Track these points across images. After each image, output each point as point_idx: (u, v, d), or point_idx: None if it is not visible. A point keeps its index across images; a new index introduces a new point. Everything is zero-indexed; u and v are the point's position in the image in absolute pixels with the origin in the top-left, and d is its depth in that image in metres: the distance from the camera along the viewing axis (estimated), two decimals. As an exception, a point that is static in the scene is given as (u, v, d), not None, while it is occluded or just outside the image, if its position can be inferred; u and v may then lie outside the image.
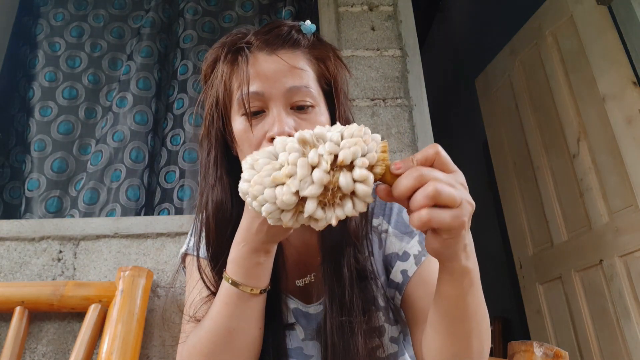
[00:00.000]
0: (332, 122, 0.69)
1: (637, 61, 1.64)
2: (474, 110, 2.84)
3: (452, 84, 3.61)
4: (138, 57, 1.76)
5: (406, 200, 0.43)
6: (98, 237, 1.31)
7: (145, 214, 1.58)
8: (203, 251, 0.72)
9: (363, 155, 0.43)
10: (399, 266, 0.69)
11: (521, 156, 2.25)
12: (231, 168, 0.70)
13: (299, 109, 0.65)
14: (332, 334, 0.64)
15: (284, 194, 0.43)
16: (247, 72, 0.65)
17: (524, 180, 2.23)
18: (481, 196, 3.18)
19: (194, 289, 0.72)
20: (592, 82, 1.79)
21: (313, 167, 0.43)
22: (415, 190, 0.41)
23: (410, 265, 0.68)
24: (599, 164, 1.77)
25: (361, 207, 0.43)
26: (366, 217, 0.71)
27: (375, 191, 0.46)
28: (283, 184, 0.44)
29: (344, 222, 0.67)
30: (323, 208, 0.43)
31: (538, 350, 0.83)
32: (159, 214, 1.61)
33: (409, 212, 0.42)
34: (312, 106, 0.66)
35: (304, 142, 0.45)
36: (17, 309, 1.13)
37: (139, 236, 1.32)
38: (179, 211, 1.60)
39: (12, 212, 1.61)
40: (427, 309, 0.63)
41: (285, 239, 0.73)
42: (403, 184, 0.42)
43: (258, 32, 0.70)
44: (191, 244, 0.78)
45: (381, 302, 0.69)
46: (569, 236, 1.94)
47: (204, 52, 1.84)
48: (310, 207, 0.43)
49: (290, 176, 0.43)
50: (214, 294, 0.68)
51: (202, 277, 0.69)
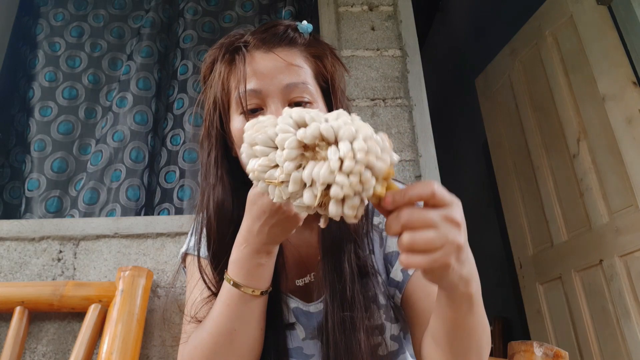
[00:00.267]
0: None
1: (637, 61, 1.64)
2: (474, 110, 2.84)
3: (452, 84, 3.61)
4: (138, 57, 1.76)
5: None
6: (98, 237, 1.31)
7: (145, 214, 1.58)
8: (204, 251, 0.72)
9: (358, 192, 0.41)
10: (399, 265, 0.69)
11: (521, 156, 2.25)
12: (231, 169, 0.70)
13: (296, 105, 0.65)
14: (333, 331, 0.64)
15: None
16: (245, 70, 0.65)
17: (524, 180, 2.23)
18: (481, 196, 3.18)
19: (195, 289, 0.72)
20: (592, 82, 1.79)
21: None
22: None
23: None
24: (599, 164, 1.76)
25: (350, 220, 0.43)
26: (367, 215, 0.71)
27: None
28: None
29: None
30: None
31: (538, 350, 0.83)
32: (159, 214, 1.60)
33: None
34: (309, 103, 0.66)
35: (304, 147, 0.44)
36: (17, 309, 1.13)
37: (139, 236, 1.32)
38: (179, 211, 1.60)
39: (12, 212, 1.61)
40: (428, 310, 0.63)
41: (286, 239, 0.73)
42: (390, 227, 0.43)
43: (255, 32, 0.70)
44: (191, 243, 0.78)
45: (382, 300, 0.69)
46: (569, 236, 1.93)
47: (204, 52, 1.84)
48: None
49: (283, 182, 0.44)
50: (215, 294, 0.67)
51: (202, 278, 0.69)
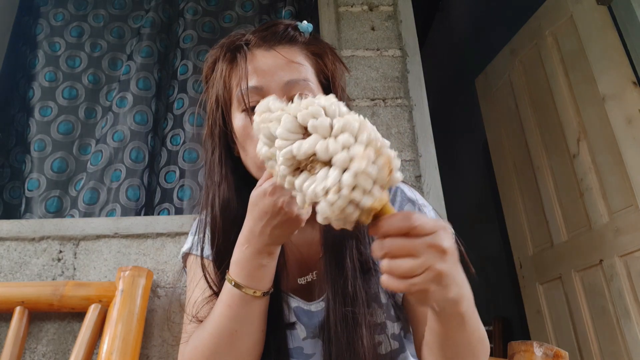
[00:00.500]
0: None
1: (637, 61, 1.64)
2: (474, 110, 2.84)
3: (452, 84, 3.61)
4: (138, 57, 1.76)
5: None
6: (98, 237, 1.31)
7: (145, 214, 1.58)
8: (206, 250, 0.72)
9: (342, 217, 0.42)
10: None
11: (521, 156, 2.25)
12: (235, 168, 0.70)
13: None
14: (335, 326, 0.64)
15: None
16: (246, 68, 0.66)
17: (524, 180, 2.23)
18: (481, 196, 3.18)
19: (196, 288, 0.71)
20: (592, 82, 1.79)
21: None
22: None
23: None
24: (599, 164, 1.76)
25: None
26: None
27: None
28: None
29: None
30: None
31: (538, 350, 0.83)
32: (159, 214, 1.60)
33: None
34: None
35: (306, 156, 0.44)
36: (17, 309, 1.13)
37: (139, 236, 1.32)
38: (179, 211, 1.60)
39: (12, 212, 1.61)
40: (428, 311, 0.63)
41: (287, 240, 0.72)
42: (374, 252, 0.45)
43: (255, 31, 0.71)
44: (192, 243, 0.78)
45: (383, 299, 0.69)
46: (569, 236, 1.93)
47: (204, 52, 1.84)
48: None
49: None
50: (216, 294, 0.67)
51: (205, 277, 0.69)
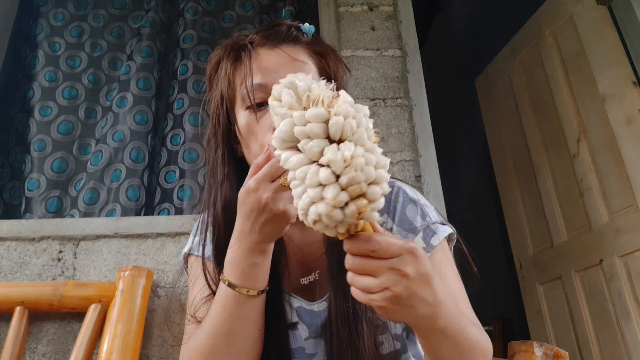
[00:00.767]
0: None
1: (637, 61, 1.64)
2: (474, 110, 2.84)
3: (452, 84, 3.61)
4: (138, 57, 1.76)
5: None
6: (98, 237, 1.31)
7: (145, 214, 1.58)
8: (207, 251, 0.72)
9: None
10: None
11: (521, 156, 2.25)
12: (238, 167, 0.71)
13: None
14: (337, 324, 0.64)
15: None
16: (251, 65, 0.67)
17: (524, 180, 2.23)
18: (481, 196, 3.18)
19: (196, 289, 0.72)
20: (592, 82, 1.79)
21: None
22: None
23: None
24: (599, 164, 1.77)
25: None
26: None
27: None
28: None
29: None
30: None
31: (538, 350, 0.83)
32: (159, 214, 1.60)
33: None
34: None
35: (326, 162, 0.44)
36: (17, 309, 1.13)
37: (139, 236, 1.32)
38: (179, 211, 1.60)
39: (12, 212, 1.61)
40: None
41: (288, 238, 0.73)
42: (345, 263, 0.48)
43: (259, 31, 0.72)
44: (193, 244, 0.78)
45: None
46: (569, 236, 1.93)
47: (204, 52, 1.84)
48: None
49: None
50: (215, 293, 0.67)
51: (205, 276, 0.69)
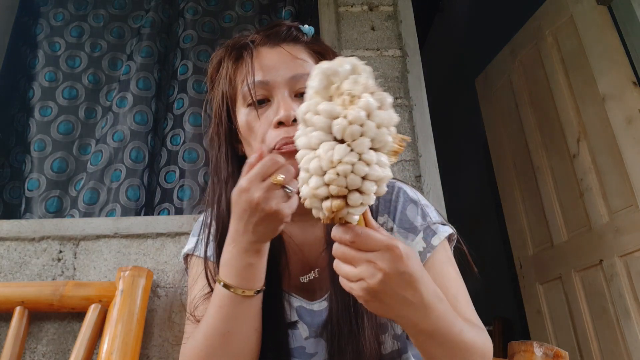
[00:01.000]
0: None
1: (637, 61, 1.64)
2: (474, 110, 2.84)
3: (452, 84, 3.61)
4: (138, 57, 1.76)
5: None
6: (98, 237, 1.31)
7: (145, 214, 1.58)
8: (208, 250, 0.72)
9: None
10: None
11: (521, 156, 2.25)
12: (240, 166, 0.71)
13: (302, 96, 0.67)
14: (337, 320, 0.64)
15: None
16: (252, 63, 0.68)
17: (524, 180, 2.23)
18: (481, 196, 3.18)
19: (197, 287, 0.72)
20: (592, 82, 1.79)
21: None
22: None
23: None
24: (599, 164, 1.76)
25: None
26: (371, 213, 0.72)
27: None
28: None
29: None
30: None
31: (538, 350, 0.83)
32: (159, 214, 1.60)
33: None
34: None
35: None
36: (17, 309, 1.13)
37: (139, 236, 1.32)
38: (179, 211, 1.60)
39: (12, 212, 1.61)
40: None
41: (288, 237, 0.73)
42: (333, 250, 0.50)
43: (259, 31, 0.73)
44: (193, 244, 0.78)
45: None
46: (569, 236, 1.93)
47: (204, 52, 1.84)
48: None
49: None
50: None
51: (206, 276, 0.69)
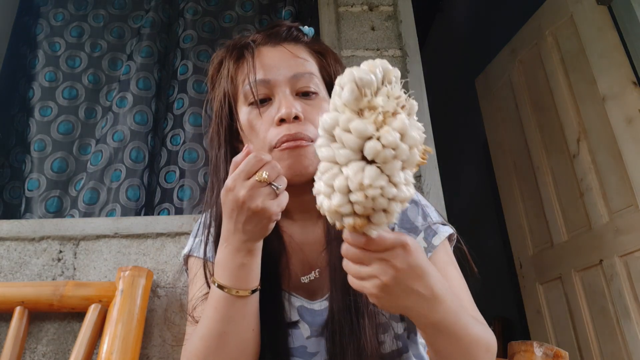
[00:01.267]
0: None
1: (637, 61, 1.64)
2: (474, 110, 2.84)
3: (452, 84, 3.61)
4: (138, 57, 1.76)
5: None
6: (98, 237, 1.31)
7: (145, 214, 1.58)
8: (207, 251, 0.72)
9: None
10: None
11: (521, 156, 2.25)
12: None
13: (304, 95, 0.69)
14: (338, 319, 0.64)
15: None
16: (254, 62, 0.69)
17: (524, 180, 2.23)
18: (481, 196, 3.18)
19: (197, 291, 0.71)
20: (592, 82, 1.79)
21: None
22: None
23: None
24: (599, 164, 1.76)
25: None
26: None
27: None
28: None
29: None
30: None
31: (538, 350, 0.83)
32: (159, 214, 1.60)
33: None
34: (315, 93, 0.69)
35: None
36: (17, 309, 1.13)
37: (139, 236, 1.32)
38: (179, 211, 1.60)
39: (12, 212, 1.61)
40: None
41: (289, 237, 0.73)
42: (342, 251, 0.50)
43: (260, 31, 0.74)
44: (193, 244, 0.78)
45: None
46: (569, 236, 1.93)
47: (204, 52, 1.84)
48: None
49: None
50: None
51: (205, 276, 0.69)
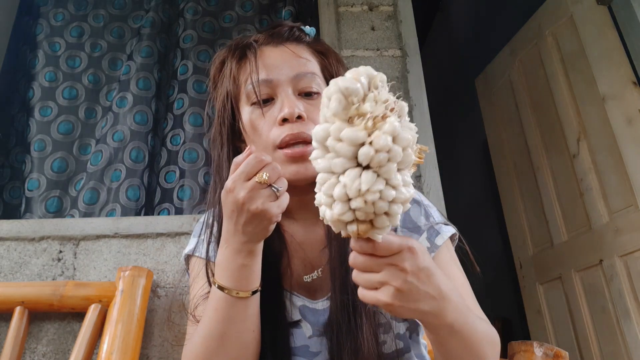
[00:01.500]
0: None
1: (637, 61, 1.64)
2: (474, 110, 2.84)
3: (452, 84, 3.61)
4: (138, 57, 1.76)
5: None
6: (98, 237, 1.31)
7: (145, 214, 1.58)
8: (209, 251, 0.72)
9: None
10: None
11: (521, 156, 2.25)
12: None
13: (306, 95, 0.69)
14: (339, 318, 0.64)
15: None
16: (257, 62, 0.69)
17: (524, 180, 2.23)
18: (481, 196, 3.18)
19: (198, 290, 0.71)
20: (592, 82, 1.79)
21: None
22: None
23: None
24: (599, 164, 1.76)
25: None
26: None
27: None
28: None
29: None
30: None
31: (538, 350, 0.83)
32: (159, 214, 1.60)
33: None
34: (317, 93, 0.70)
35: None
36: (17, 309, 1.13)
37: (139, 236, 1.32)
38: (179, 211, 1.60)
39: (12, 212, 1.61)
40: None
41: (290, 236, 0.73)
42: (349, 261, 0.49)
43: (262, 31, 0.75)
44: (194, 245, 0.78)
45: None
46: (569, 236, 1.93)
47: (204, 52, 1.84)
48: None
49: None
50: None
51: (207, 277, 0.69)
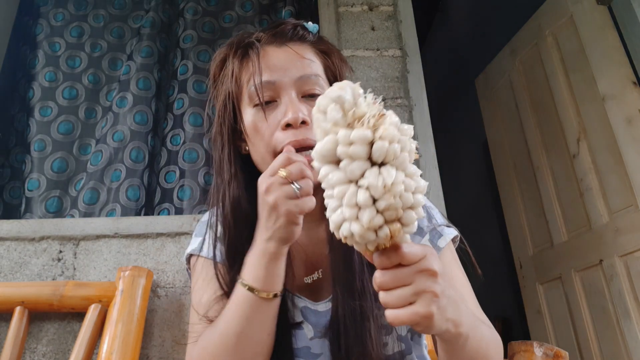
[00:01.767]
0: None
1: (637, 61, 1.64)
2: (474, 110, 2.84)
3: (452, 84, 3.61)
4: (138, 57, 1.76)
5: None
6: (98, 237, 1.31)
7: (145, 214, 1.58)
8: (210, 252, 0.72)
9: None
10: None
11: (521, 156, 2.25)
12: (244, 165, 0.71)
13: (310, 97, 0.68)
14: (343, 322, 0.63)
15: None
16: (259, 63, 0.68)
17: (524, 180, 2.23)
18: (481, 196, 3.18)
19: (207, 288, 0.71)
20: (592, 82, 1.79)
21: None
22: None
23: None
24: (599, 164, 1.76)
25: None
26: None
27: None
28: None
29: None
30: None
31: (538, 351, 0.83)
32: (159, 214, 1.60)
33: None
34: (321, 95, 0.69)
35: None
36: (17, 309, 1.13)
37: (139, 236, 1.32)
38: (179, 211, 1.60)
39: (12, 212, 1.61)
40: None
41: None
42: (374, 284, 0.46)
43: (265, 29, 0.73)
44: (197, 244, 0.78)
45: None
46: (569, 236, 1.93)
47: (204, 52, 1.84)
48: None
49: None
50: (227, 294, 0.67)
51: (217, 277, 0.69)
